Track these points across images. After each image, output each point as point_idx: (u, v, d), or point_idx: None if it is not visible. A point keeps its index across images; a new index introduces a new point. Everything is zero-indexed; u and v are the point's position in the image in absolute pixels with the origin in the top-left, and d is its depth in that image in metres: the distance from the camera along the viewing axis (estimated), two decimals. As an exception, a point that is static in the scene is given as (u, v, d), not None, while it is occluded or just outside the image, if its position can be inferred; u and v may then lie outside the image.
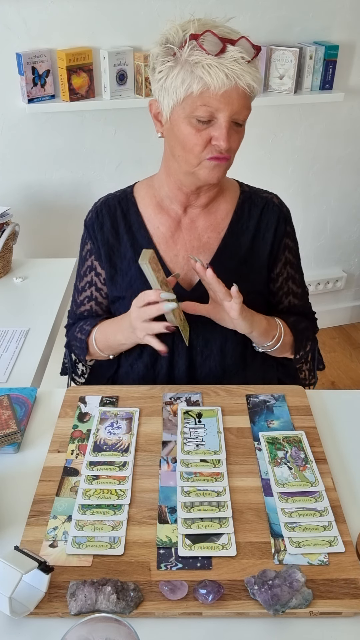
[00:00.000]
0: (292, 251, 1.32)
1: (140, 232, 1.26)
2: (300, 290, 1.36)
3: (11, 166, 2.23)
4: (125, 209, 1.27)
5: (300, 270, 1.36)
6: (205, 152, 1.10)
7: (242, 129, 1.12)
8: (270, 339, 1.23)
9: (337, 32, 2.38)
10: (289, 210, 1.32)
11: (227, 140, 1.07)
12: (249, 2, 2.22)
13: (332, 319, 3.08)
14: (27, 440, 1.10)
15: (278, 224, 1.28)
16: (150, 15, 2.11)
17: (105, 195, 1.31)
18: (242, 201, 1.28)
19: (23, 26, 2.03)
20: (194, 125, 1.08)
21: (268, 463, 1.02)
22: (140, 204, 1.27)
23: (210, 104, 1.05)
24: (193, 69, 1.04)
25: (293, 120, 2.50)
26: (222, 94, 1.04)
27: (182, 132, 1.10)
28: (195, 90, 1.05)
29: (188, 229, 1.26)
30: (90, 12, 2.07)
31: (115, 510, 0.93)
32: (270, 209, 1.28)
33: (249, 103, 1.09)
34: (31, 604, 0.79)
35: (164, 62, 1.08)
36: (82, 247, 1.32)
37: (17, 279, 1.75)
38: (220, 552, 0.87)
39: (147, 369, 1.29)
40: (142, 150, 2.32)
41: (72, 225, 2.35)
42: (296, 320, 1.32)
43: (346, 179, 2.73)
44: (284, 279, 1.32)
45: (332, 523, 0.91)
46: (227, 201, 1.27)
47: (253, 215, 1.27)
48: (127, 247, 1.26)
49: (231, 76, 1.03)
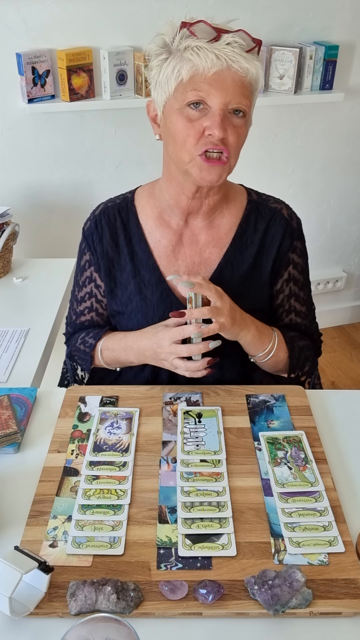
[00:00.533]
0: (298, 267, 1.25)
1: (141, 245, 1.21)
2: (305, 309, 1.29)
3: (11, 166, 2.24)
4: (125, 220, 1.22)
5: (306, 288, 1.29)
6: (199, 145, 1.03)
7: (244, 123, 1.05)
8: (260, 350, 1.18)
9: (337, 32, 2.38)
10: (300, 221, 1.25)
11: (220, 128, 1.01)
12: (249, 2, 2.22)
13: (332, 319, 3.08)
14: (27, 440, 1.10)
15: (283, 239, 1.21)
16: (150, 15, 2.11)
17: (104, 203, 1.26)
18: (249, 213, 1.21)
19: (23, 26, 2.03)
20: (186, 115, 1.03)
21: (268, 463, 1.02)
22: (141, 215, 1.22)
23: (200, 87, 1.00)
24: (183, 55, 1.01)
25: (293, 120, 2.50)
26: (213, 77, 0.99)
27: (174, 125, 1.05)
28: (185, 76, 1.01)
29: (190, 243, 1.21)
30: (90, 12, 2.08)
31: (115, 510, 0.93)
32: (277, 222, 1.21)
33: (247, 91, 1.02)
34: (31, 604, 0.79)
35: (158, 57, 1.05)
36: (81, 257, 1.28)
37: (17, 279, 1.75)
38: (220, 552, 0.87)
39: (148, 381, 1.27)
40: (142, 151, 2.32)
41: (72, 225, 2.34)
42: (296, 336, 1.26)
43: (346, 179, 2.73)
44: (286, 296, 1.26)
45: (332, 523, 0.91)
46: (231, 213, 1.21)
47: (259, 229, 1.21)
48: (126, 260, 1.22)
49: (222, 57, 0.98)
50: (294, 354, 1.23)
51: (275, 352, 1.20)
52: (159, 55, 1.06)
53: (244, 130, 1.06)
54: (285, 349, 1.22)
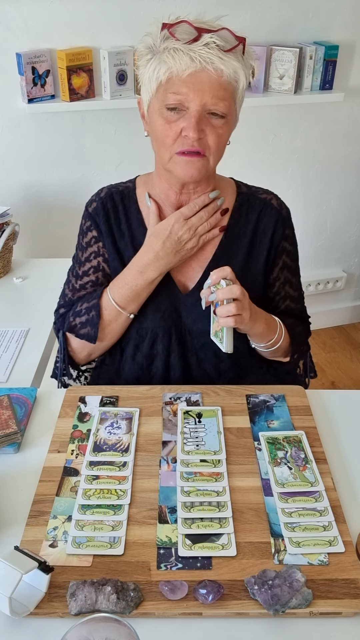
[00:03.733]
0: (290, 255, 1.30)
1: (140, 230, 1.24)
2: (297, 294, 1.34)
3: (11, 166, 2.24)
4: (127, 206, 1.25)
5: (297, 274, 1.34)
6: (176, 145, 1.07)
7: (223, 127, 1.07)
8: (266, 341, 1.21)
9: (337, 32, 2.38)
10: (289, 210, 1.29)
11: (195, 130, 1.03)
12: (249, 2, 2.22)
13: (332, 319, 3.08)
14: (27, 440, 1.10)
15: (276, 228, 1.24)
16: (150, 15, 2.10)
17: (108, 187, 1.28)
18: (240, 204, 1.25)
19: (23, 26, 2.03)
20: (165, 116, 1.06)
21: (268, 463, 1.02)
22: (140, 202, 1.26)
23: (178, 90, 1.03)
24: (161, 56, 1.03)
25: (293, 120, 2.49)
26: (188, 79, 1.01)
27: (155, 124, 1.09)
28: (163, 77, 1.03)
29: None
30: (90, 12, 2.08)
31: (115, 510, 0.93)
32: (269, 212, 1.24)
33: (225, 94, 1.04)
34: (31, 604, 0.79)
35: (144, 56, 1.08)
36: (84, 234, 1.28)
37: (17, 279, 1.75)
38: (220, 552, 0.87)
39: (142, 370, 1.28)
40: (142, 150, 2.30)
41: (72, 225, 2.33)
42: (293, 323, 1.30)
43: (346, 179, 2.73)
44: (281, 283, 1.30)
45: (332, 523, 0.91)
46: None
47: (250, 220, 1.24)
48: (127, 243, 1.25)
49: (197, 59, 1.00)
50: (294, 340, 1.27)
51: (280, 342, 1.23)
52: (144, 55, 1.08)
53: (224, 130, 1.08)
54: (287, 337, 1.25)
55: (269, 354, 1.27)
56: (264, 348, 1.23)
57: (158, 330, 1.24)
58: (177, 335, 1.25)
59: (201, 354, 1.26)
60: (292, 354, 1.29)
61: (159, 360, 1.26)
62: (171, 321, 1.24)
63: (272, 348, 1.23)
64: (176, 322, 1.24)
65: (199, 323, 1.21)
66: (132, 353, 1.27)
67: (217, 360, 1.26)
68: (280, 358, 1.30)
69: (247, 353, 1.28)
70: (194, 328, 1.23)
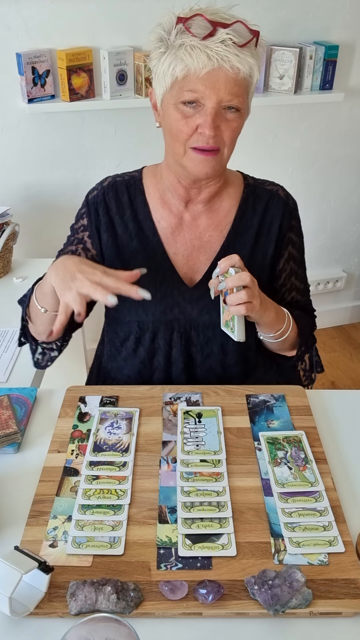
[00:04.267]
0: (295, 246, 1.29)
1: (146, 223, 1.23)
2: (303, 286, 1.34)
3: (11, 166, 2.24)
4: (132, 196, 1.24)
5: (303, 265, 1.34)
6: (191, 140, 1.07)
7: (238, 117, 1.07)
8: (276, 329, 1.20)
9: (337, 32, 2.38)
10: (296, 202, 1.28)
11: (212, 127, 1.04)
12: (249, 2, 2.22)
13: (332, 319, 3.08)
14: (27, 440, 1.10)
15: (283, 219, 1.24)
16: (150, 15, 2.11)
17: (112, 177, 1.27)
18: (247, 196, 1.25)
19: (23, 26, 2.03)
20: (181, 111, 1.06)
21: (268, 463, 1.02)
22: (147, 193, 1.24)
23: (195, 88, 1.03)
24: (177, 53, 1.03)
25: (293, 120, 2.50)
26: (205, 77, 1.01)
27: (170, 118, 1.08)
28: (179, 74, 1.03)
29: (189, 227, 1.24)
30: (90, 12, 2.08)
31: (115, 510, 0.93)
32: (276, 203, 1.24)
33: (239, 90, 1.04)
34: (31, 604, 0.79)
35: (157, 49, 1.07)
36: (77, 221, 1.27)
37: (17, 279, 1.75)
38: (220, 552, 0.87)
39: (144, 364, 1.28)
40: (142, 150, 2.32)
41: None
42: (300, 314, 1.29)
43: (346, 179, 2.73)
44: (287, 275, 1.30)
45: (332, 523, 0.91)
46: (230, 197, 1.24)
47: (257, 211, 1.24)
48: (131, 236, 1.23)
49: (214, 57, 1.00)
50: (301, 331, 1.26)
51: (288, 332, 1.22)
52: (157, 47, 1.08)
53: (238, 123, 1.09)
54: (295, 328, 1.24)
55: (276, 345, 1.25)
56: (272, 339, 1.22)
57: (159, 324, 1.24)
58: (180, 330, 1.24)
59: (207, 349, 1.26)
60: (300, 346, 1.28)
61: (160, 354, 1.26)
62: (173, 316, 1.23)
63: (280, 339, 1.21)
64: (179, 316, 1.24)
65: (205, 315, 1.21)
66: (134, 346, 1.27)
67: (223, 355, 1.26)
68: (287, 351, 1.29)
69: (254, 346, 1.28)
70: (200, 322, 1.23)
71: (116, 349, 1.31)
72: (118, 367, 1.31)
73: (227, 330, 1.13)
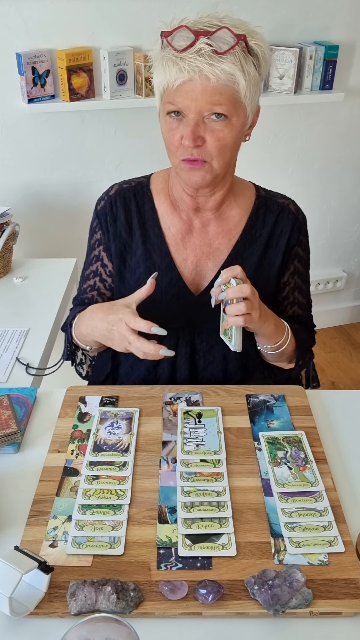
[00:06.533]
0: (302, 261, 1.30)
1: (154, 230, 1.23)
2: (306, 301, 1.35)
3: (11, 166, 2.24)
4: (140, 203, 1.24)
5: (307, 281, 1.34)
6: (179, 152, 1.08)
7: (225, 130, 1.05)
8: (274, 341, 1.20)
9: (337, 32, 2.38)
10: (305, 217, 1.29)
11: (191, 138, 1.03)
12: (249, 2, 2.22)
13: (332, 319, 3.08)
14: (27, 440, 1.10)
15: (292, 233, 1.25)
16: (150, 15, 2.11)
17: (119, 184, 1.27)
18: (257, 207, 1.24)
19: (23, 26, 2.03)
20: (168, 123, 1.07)
21: (268, 463, 1.02)
22: (156, 200, 1.24)
23: (173, 100, 1.04)
24: (159, 67, 1.05)
25: (293, 120, 2.50)
26: (181, 90, 1.02)
27: (162, 129, 1.10)
28: (161, 88, 1.05)
29: (199, 233, 1.23)
30: (90, 12, 2.08)
31: (115, 510, 0.93)
32: (286, 216, 1.25)
33: (221, 99, 1.01)
34: (31, 604, 0.79)
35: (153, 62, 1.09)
36: (91, 235, 1.29)
37: (17, 279, 1.75)
38: (220, 552, 0.87)
39: (149, 371, 1.28)
40: (142, 150, 2.32)
41: (72, 225, 2.35)
42: (300, 329, 1.29)
43: (346, 179, 2.73)
44: (291, 288, 1.30)
45: (332, 523, 0.91)
46: (240, 206, 1.24)
47: (267, 223, 1.24)
48: (138, 244, 1.23)
49: (186, 69, 0.99)
50: (299, 346, 1.26)
51: (286, 344, 1.22)
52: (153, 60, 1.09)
53: (226, 133, 1.06)
54: (293, 342, 1.24)
55: (273, 357, 1.26)
56: (270, 350, 1.23)
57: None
58: (185, 338, 1.24)
59: (209, 356, 1.26)
60: (297, 360, 1.28)
61: (165, 361, 1.26)
62: (178, 324, 1.24)
63: (277, 350, 1.22)
64: (184, 324, 1.24)
65: (209, 322, 1.21)
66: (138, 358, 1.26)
67: (224, 362, 1.26)
68: (284, 363, 1.30)
69: (254, 355, 1.28)
70: (204, 329, 1.23)
71: (124, 357, 1.31)
72: (125, 373, 1.32)
73: (225, 339, 1.14)
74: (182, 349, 1.25)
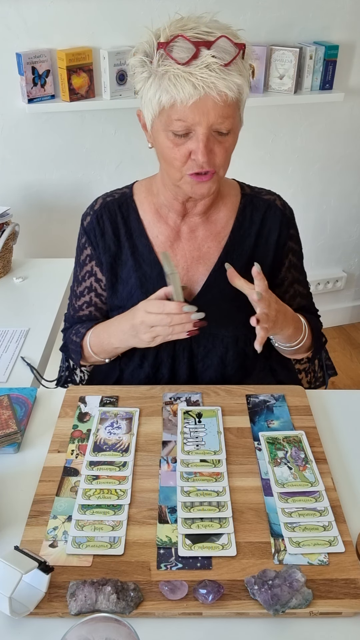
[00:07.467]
0: (295, 254, 1.30)
1: (141, 240, 1.23)
2: (306, 291, 1.35)
3: (11, 166, 2.24)
4: (125, 215, 1.23)
5: (303, 271, 1.35)
6: (186, 167, 1.06)
7: (229, 139, 1.05)
8: (292, 342, 1.21)
9: (337, 32, 2.38)
10: (292, 210, 1.29)
11: (205, 154, 1.02)
12: (249, 2, 2.22)
13: (332, 319, 3.08)
14: (27, 440, 1.10)
15: (281, 229, 1.24)
16: (150, 16, 2.11)
17: (102, 196, 1.26)
18: (244, 206, 1.24)
19: (23, 26, 2.03)
20: (171, 139, 1.04)
21: (268, 463, 1.02)
22: (140, 210, 1.24)
23: (183, 117, 1.00)
24: (161, 81, 1.00)
25: (293, 120, 2.49)
26: (192, 106, 0.99)
27: (162, 145, 1.07)
28: (166, 104, 1.01)
29: (187, 239, 1.23)
30: (90, 12, 2.08)
31: (115, 510, 0.93)
32: (273, 213, 1.24)
33: (229, 111, 1.01)
34: (31, 604, 0.79)
35: (140, 74, 1.05)
36: (80, 251, 1.28)
37: (17, 279, 1.75)
38: (220, 552, 0.87)
39: (149, 378, 1.27)
40: (142, 150, 2.32)
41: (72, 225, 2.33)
42: (310, 318, 1.30)
43: (346, 179, 2.73)
44: (290, 282, 1.30)
45: (332, 523, 0.91)
46: (227, 207, 1.24)
47: (255, 221, 1.24)
48: (127, 255, 1.23)
49: (200, 86, 0.97)
50: (314, 336, 1.27)
51: (304, 340, 1.23)
52: (140, 72, 1.05)
53: (231, 142, 1.07)
54: (310, 336, 1.25)
55: (290, 352, 1.27)
56: (288, 347, 1.23)
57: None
58: (182, 343, 1.24)
59: (207, 360, 1.26)
60: (315, 351, 1.29)
61: (164, 368, 1.26)
62: None
63: (295, 347, 1.23)
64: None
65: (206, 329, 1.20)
66: (139, 362, 1.27)
67: (222, 365, 1.26)
68: (300, 355, 1.30)
69: (252, 356, 1.28)
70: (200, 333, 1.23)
71: (125, 364, 1.30)
72: (126, 381, 1.31)
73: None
74: (180, 355, 1.25)
